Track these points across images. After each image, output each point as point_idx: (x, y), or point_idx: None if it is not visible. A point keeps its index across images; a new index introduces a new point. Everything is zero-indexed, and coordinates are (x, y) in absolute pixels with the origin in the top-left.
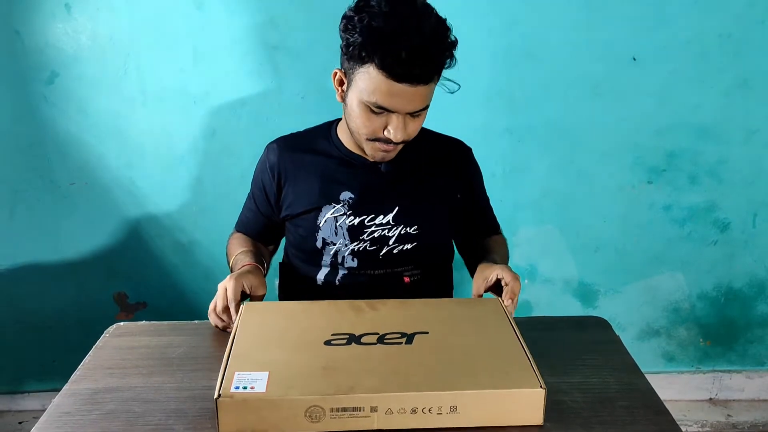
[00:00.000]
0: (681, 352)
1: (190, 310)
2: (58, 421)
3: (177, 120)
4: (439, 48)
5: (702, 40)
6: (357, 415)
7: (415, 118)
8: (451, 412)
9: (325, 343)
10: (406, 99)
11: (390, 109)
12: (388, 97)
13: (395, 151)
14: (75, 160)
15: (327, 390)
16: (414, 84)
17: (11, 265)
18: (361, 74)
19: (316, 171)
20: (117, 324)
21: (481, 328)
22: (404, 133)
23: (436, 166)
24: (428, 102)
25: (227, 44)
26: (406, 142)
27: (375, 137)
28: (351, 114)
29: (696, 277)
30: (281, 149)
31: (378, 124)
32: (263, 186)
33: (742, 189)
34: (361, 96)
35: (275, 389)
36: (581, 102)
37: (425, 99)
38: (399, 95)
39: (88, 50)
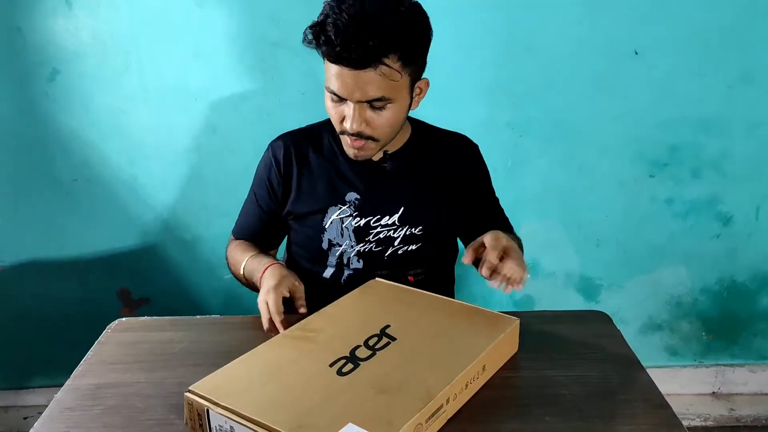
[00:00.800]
0: (684, 346)
1: (193, 306)
2: (61, 416)
3: (178, 116)
4: (371, 33)
5: (704, 33)
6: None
7: (377, 111)
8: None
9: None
10: (352, 84)
11: (340, 95)
12: (335, 81)
13: (368, 149)
14: (77, 156)
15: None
16: (352, 68)
17: (15, 262)
18: (325, 65)
19: (322, 171)
20: (119, 319)
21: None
22: (359, 124)
23: (442, 164)
24: (387, 93)
25: (228, 40)
26: (377, 140)
27: (341, 130)
28: (326, 108)
29: (698, 270)
30: (287, 146)
31: (339, 114)
32: (269, 183)
33: (745, 182)
34: (325, 83)
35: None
36: (583, 96)
37: (378, 89)
38: (343, 79)
39: (89, 47)
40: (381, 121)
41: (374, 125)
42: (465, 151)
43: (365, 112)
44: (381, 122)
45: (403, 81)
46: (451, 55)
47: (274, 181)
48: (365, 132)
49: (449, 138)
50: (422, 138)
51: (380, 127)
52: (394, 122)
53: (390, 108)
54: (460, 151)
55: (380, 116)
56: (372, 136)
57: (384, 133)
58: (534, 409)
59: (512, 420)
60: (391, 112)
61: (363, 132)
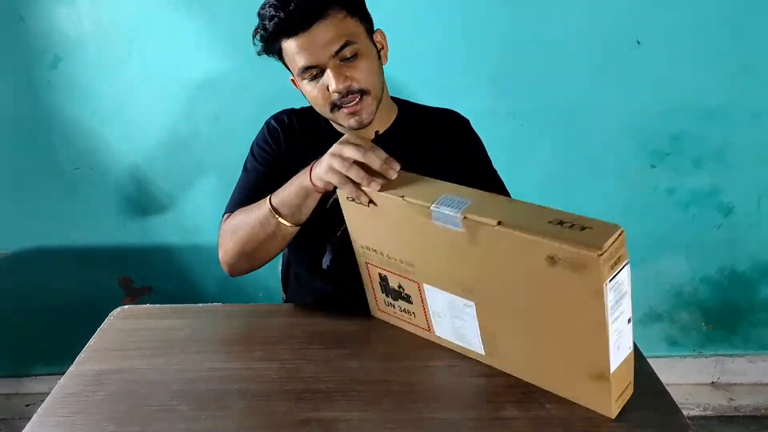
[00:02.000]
0: (683, 336)
1: (195, 294)
2: (63, 401)
3: (180, 104)
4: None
5: (706, 22)
6: None
7: (352, 60)
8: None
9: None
10: (317, 45)
11: (311, 63)
12: (302, 55)
13: (366, 107)
14: (79, 144)
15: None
16: (306, 27)
17: (17, 250)
18: (286, 60)
19: (319, 151)
20: (121, 307)
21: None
22: (343, 79)
23: (434, 143)
24: (350, 38)
25: (230, 28)
26: (368, 92)
27: (332, 103)
28: (308, 98)
29: (699, 260)
30: (289, 120)
31: (323, 88)
32: (269, 150)
33: (747, 172)
34: (296, 74)
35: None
36: (585, 86)
37: (337, 36)
38: (307, 46)
39: (91, 35)
40: (361, 72)
41: (356, 77)
42: (456, 128)
43: (342, 69)
44: (361, 72)
45: (356, 27)
46: (453, 44)
47: (276, 148)
48: (353, 86)
49: (439, 115)
50: (410, 117)
51: (363, 76)
52: (373, 69)
53: (361, 57)
54: (451, 128)
55: (357, 67)
56: (362, 89)
57: (370, 81)
58: (535, 397)
59: (513, 407)
60: (363, 59)
61: (351, 87)
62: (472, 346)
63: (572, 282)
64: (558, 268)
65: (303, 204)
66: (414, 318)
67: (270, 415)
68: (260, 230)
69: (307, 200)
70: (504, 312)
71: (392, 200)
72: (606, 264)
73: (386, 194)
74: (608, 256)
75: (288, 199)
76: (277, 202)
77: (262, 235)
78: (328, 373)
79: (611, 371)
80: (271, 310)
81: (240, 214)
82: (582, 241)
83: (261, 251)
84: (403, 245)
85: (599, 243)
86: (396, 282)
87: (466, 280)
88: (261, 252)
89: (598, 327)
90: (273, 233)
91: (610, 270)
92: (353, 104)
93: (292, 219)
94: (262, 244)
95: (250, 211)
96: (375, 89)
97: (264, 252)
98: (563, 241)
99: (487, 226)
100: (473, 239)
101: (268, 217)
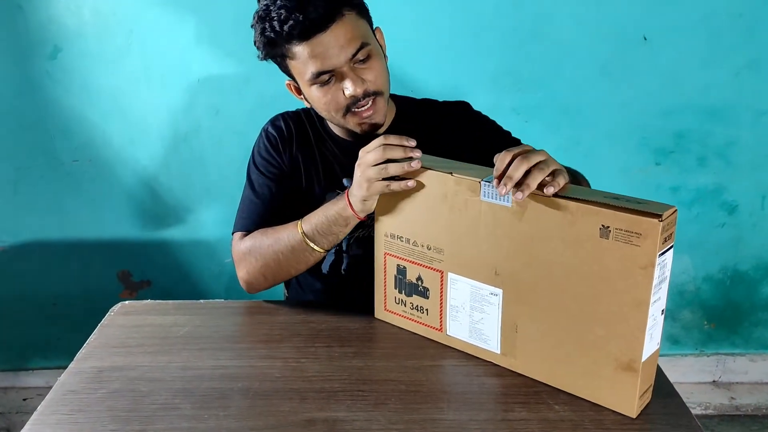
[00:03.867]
0: (685, 334)
1: (194, 289)
2: (64, 399)
3: (180, 97)
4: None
5: (713, 19)
6: None
7: (366, 62)
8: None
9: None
10: (334, 48)
11: (327, 68)
12: (317, 59)
13: (377, 109)
14: (78, 137)
15: None
16: (322, 30)
17: (15, 242)
18: (292, 65)
19: (316, 156)
20: (122, 303)
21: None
22: (361, 83)
23: (435, 138)
24: (364, 39)
25: (231, 21)
26: (381, 93)
27: (346, 108)
28: (317, 104)
29: (702, 259)
30: (286, 125)
31: (337, 93)
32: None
33: (751, 171)
34: (306, 79)
35: None
36: (589, 82)
37: (354, 38)
38: (323, 50)
39: (91, 26)
40: (374, 72)
41: (371, 78)
42: (454, 116)
43: (358, 72)
44: (374, 73)
45: (366, 28)
46: (457, 39)
47: (278, 158)
48: (369, 89)
49: (437, 109)
50: (409, 114)
51: (377, 77)
52: (384, 69)
53: (373, 56)
54: (448, 118)
55: (371, 68)
56: (376, 90)
57: (383, 82)
58: (544, 398)
59: (521, 408)
60: (375, 60)
61: (367, 89)
62: (486, 344)
63: (622, 254)
64: (610, 240)
65: (341, 232)
66: (425, 316)
67: (274, 415)
68: (291, 256)
69: (346, 228)
70: (536, 296)
71: (440, 177)
72: (662, 234)
73: (435, 172)
74: (665, 226)
75: (324, 228)
76: (311, 230)
77: (292, 261)
78: (333, 372)
79: (642, 360)
80: (274, 307)
81: (263, 236)
82: (640, 210)
83: (287, 273)
84: (436, 229)
85: (658, 212)
86: (415, 274)
87: (501, 262)
88: (286, 274)
89: (638, 305)
90: (305, 259)
91: (663, 244)
92: (367, 107)
93: (328, 246)
94: (289, 268)
95: (277, 236)
96: (386, 89)
97: (289, 274)
98: (621, 210)
99: (541, 197)
100: (521, 215)
101: (300, 243)
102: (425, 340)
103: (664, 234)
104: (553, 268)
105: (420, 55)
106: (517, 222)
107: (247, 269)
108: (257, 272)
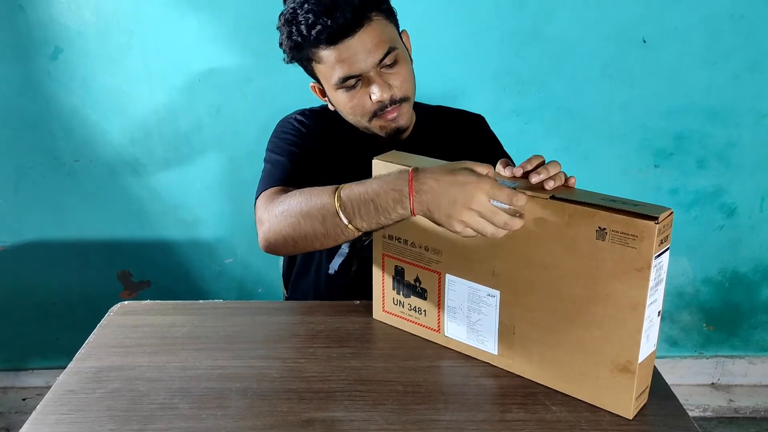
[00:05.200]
0: (684, 337)
1: (194, 289)
2: (63, 398)
3: (181, 97)
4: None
5: (713, 22)
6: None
7: (393, 67)
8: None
9: None
10: (361, 53)
11: (354, 73)
12: (344, 64)
13: (402, 113)
14: (79, 136)
15: None
16: (350, 35)
17: (15, 242)
18: (318, 68)
19: (338, 153)
20: (121, 303)
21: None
22: (388, 89)
23: (451, 144)
24: (392, 43)
25: (232, 21)
26: (407, 98)
27: (372, 112)
28: (342, 107)
29: (701, 261)
30: (311, 120)
31: (363, 97)
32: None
33: (750, 173)
34: (332, 83)
35: None
36: (590, 84)
37: (381, 43)
38: (350, 55)
39: (92, 26)
40: (401, 78)
41: (397, 84)
42: (470, 126)
43: (385, 77)
44: (401, 78)
45: (393, 32)
46: (458, 40)
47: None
48: (396, 95)
49: (456, 116)
50: (428, 120)
51: (403, 83)
52: (411, 74)
53: (400, 61)
54: (464, 127)
55: (398, 73)
56: (403, 97)
57: (409, 88)
58: (541, 399)
59: (518, 409)
60: (402, 65)
61: (394, 95)
62: (483, 345)
63: (618, 256)
64: (606, 242)
65: (386, 223)
66: (423, 317)
67: (272, 415)
68: (319, 225)
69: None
70: (533, 298)
71: None
72: (658, 237)
73: None
74: (661, 228)
75: (370, 216)
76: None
77: (320, 231)
78: (331, 373)
79: (638, 361)
80: (273, 308)
81: (295, 194)
82: (637, 212)
83: (311, 244)
84: (434, 231)
85: (655, 214)
86: (413, 275)
87: (498, 264)
88: (310, 244)
89: (635, 307)
90: (335, 234)
91: (659, 246)
92: (393, 111)
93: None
94: (314, 239)
95: (310, 195)
96: (412, 95)
97: (313, 246)
98: (617, 212)
99: (539, 199)
100: (520, 216)
101: (333, 216)
102: (423, 341)
103: (660, 236)
104: (550, 270)
105: (421, 57)
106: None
107: (270, 225)
108: (279, 231)
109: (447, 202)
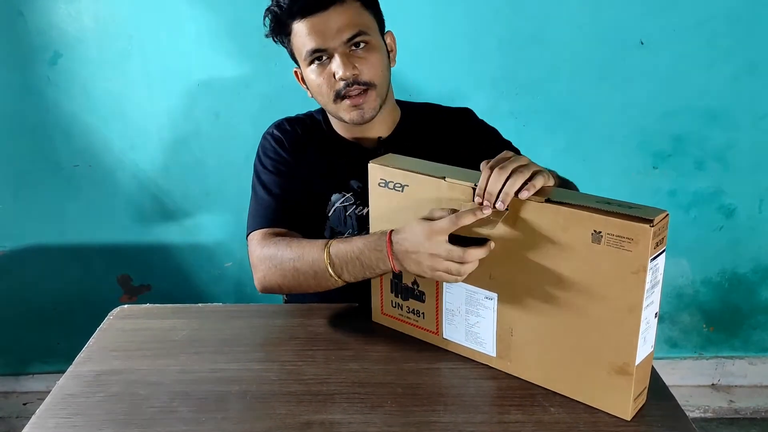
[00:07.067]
0: (684, 338)
1: (193, 292)
2: (63, 402)
3: (180, 102)
4: None
5: (710, 23)
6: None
7: (361, 52)
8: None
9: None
10: (330, 29)
11: (320, 46)
12: (313, 36)
13: (370, 101)
14: (78, 142)
15: None
16: (323, 9)
17: (15, 247)
18: (294, 44)
19: (321, 157)
20: (121, 307)
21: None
22: (350, 67)
23: (440, 143)
24: (364, 28)
25: (231, 25)
26: (374, 85)
27: (336, 92)
28: (313, 87)
29: (700, 262)
30: (285, 131)
31: (329, 75)
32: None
33: (749, 174)
34: (303, 58)
35: None
36: (587, 86)
37: (353, 24)
38: (321, 29)
39: (91, 31)
40: (369, 64)
41: (364, 68)
42: (458, 122)
43: (351, 58)
44: (369, 64)
45: (369, 21)
46: (455, 43)
47: (286, 156)
48: (360, 77)
49: (444, 113)
50: (414, 120)
51: (370, 69)
52: (381, 64)
53: (371, 50)
54: (452, 123)
55: (366, 59)
56: (368, 81)
57: (377, 76)
58: (539, 400)
59: (517, 411)
60: (373, 53)
61: (358, 77)
62: (482, 348)
63: (614, 259)
64: (602, 246)
65: (372, 276)
66: (421, 320)
67: (271, 418)
68: (312, 279)
69: (378, 275)
70: (530, 301)
71: (434, 182)
72: (653, 239)
73: (426, 177)
74: (656, 231)
75: (356, 271)
76: (339, 264)
77: (312, 282)
78: (330, 375)
79: (636, 363)
80: (272, 311)
81: (287, 248)
82: (632, 215)
83: (305, 290)
84: None
85: (650, 216)
86: (411, 278)
87: (495, 267)
88: (304, 290)
89: (631, 310)
90: (326, 284)
91: (654, 248)
92: (357, 95)
93: (354, 280)
94: (308, 287)
95: (302, 252)
96: (381, 86)
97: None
98: (612, 215)
99: (534, 203)
100: (515, 219)
101: (324, 271)
102: (421, 343)
103: (656, 239)
104: (546, 273)
105: (419, 60)
106: (511, 227)
107: (265, 274)
108: (274, 281)
109: (416, 258)
